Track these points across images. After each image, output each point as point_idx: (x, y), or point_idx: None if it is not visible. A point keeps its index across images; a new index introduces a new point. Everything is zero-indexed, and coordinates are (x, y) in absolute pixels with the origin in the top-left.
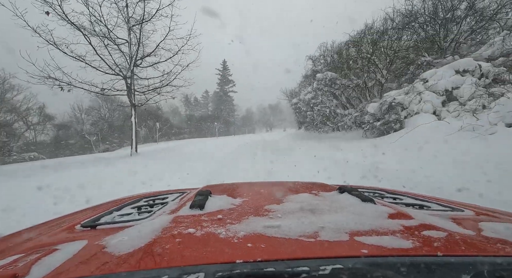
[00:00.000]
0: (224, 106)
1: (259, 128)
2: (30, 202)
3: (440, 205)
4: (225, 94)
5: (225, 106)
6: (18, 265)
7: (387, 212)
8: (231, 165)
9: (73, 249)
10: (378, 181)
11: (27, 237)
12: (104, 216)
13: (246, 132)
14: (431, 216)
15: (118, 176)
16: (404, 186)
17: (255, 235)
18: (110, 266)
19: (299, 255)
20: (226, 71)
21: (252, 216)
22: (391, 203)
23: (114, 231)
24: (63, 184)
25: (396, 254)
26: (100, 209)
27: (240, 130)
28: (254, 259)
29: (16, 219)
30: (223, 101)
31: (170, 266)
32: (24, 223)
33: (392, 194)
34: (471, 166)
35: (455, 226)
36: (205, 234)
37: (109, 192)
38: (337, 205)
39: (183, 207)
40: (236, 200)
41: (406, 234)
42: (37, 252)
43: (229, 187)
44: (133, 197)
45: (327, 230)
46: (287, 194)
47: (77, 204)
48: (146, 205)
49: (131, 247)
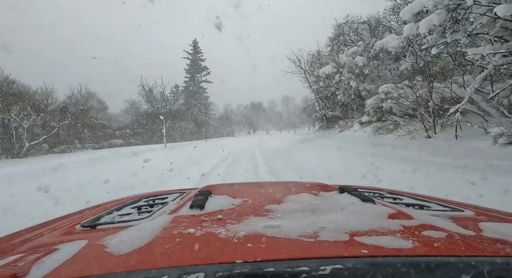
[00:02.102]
0: (194, 101)
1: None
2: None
3: (440, 205)
4: (196, 85)
5: (196, 101)
6: (18, 265)
7: (387, 212)
8: None
9: (73, 249)
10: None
11: (27, 237)
12: (104, 216)
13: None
14: (431, 216)
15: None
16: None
17: (255, 235)
18: (110, 266)
19: (299, 255)
20: (197, 54)
21: (252, 216)
22: (391, 203)
23: (114, 231)
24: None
25: (396, 254)
26: (100, 209)
27: (217, 132)
28: (254, 259)
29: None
30: (193, 94)
31: (170, 266)
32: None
33: (392, 194)
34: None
35: (455, 226)
36: (205, 234)
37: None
38: (337, 205)
39: (183, 207)
40: (236, 200)
41: (406, 234)
42: (37, 252)
43: (229, 187)
44: (133, 197)
45: (327, 230)
46: (287, 194)
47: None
48: (146, 205)
49: (131, 247)
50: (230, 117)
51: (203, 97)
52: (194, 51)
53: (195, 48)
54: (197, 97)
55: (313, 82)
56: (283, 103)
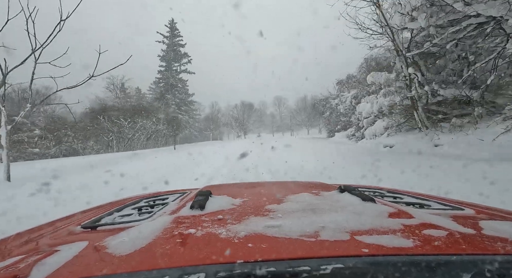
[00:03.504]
0: (171, 95)
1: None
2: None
3: (440, 204)
4: (173, 77)
5: (174, 95)
6: (19, 267)
7: (387, 211)
8: None
9: (73, 250)
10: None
11: (27, 238)
12: (105, 217)
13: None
14: (431, 215)
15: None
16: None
17: (255, 235)
18: (111, 267)
19: (300, 254)
20: (175, 38)
21: (252, 216)
22: (391, 202)
23: (115, 232)
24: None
25: (397, 253)
26: (101, 210)
27: (202, 135)
28: (255, 259)
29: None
30: (170, 87)
31: (171, 266)
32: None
33: (392, 193)
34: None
35: (455, 224)
36: (205, 235)
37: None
38: (337, 204)
39: (183, 208)
40: (237, 200)
41: (407, 233)
42: (38, 254)
43: (230, 187)
44: (134, 197)
45: (328, 229)
46: (287, 194)
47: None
48: (147, 206)
49: (132, 248)
50: (217, 118)
51: (182, 91)
52: (171, 34)
53: (173, 30)
54: (175, 91)
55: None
56: (275, 104)
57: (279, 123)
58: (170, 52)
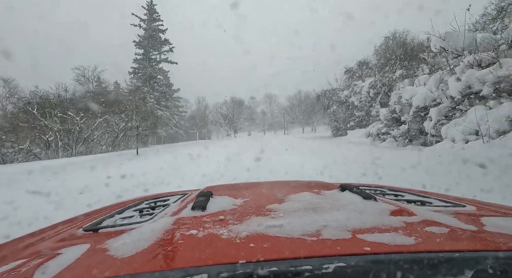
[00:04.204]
0: (149, 87)
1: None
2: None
3: (441, 201)
4: (151, 66)
5: (152, 88)
6: (21, 271)
7: (389, 209)
8: None
9: (75, 253)
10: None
11: (29, 242)
12: (106, 219)
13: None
14: (433, 212)
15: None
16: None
17: (257, 235)
18: (113, 270)
19: (302, 254)
20: (154, 22)
21: (254, 216)
22: (392, 200)
23: (116, 234)
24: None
25: (399, 251)
26: (102, 212)
27: (188, 134)
28: (257, 259)
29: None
30: (148, 78)
31: (173, 268)
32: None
33: (393, 191)
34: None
35: (457, 221)
36: (207, 235)
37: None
38: (338, 203)
39: (184, 209)
40: (238, 201)
41: (408, 231)
42: (40, 257)
43: (231, 187)
44: (135, 199)
45: (330, 228)
46: (288, 194)
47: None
48: (148, 208)
49: (134, 250)
50: (204, 115)
51: (163, 83)
52: (150, 18)
53: (151, 12)
54: (153, 83)
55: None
56: (266, 101)
57: (270, 121)
58: (147, 38)
